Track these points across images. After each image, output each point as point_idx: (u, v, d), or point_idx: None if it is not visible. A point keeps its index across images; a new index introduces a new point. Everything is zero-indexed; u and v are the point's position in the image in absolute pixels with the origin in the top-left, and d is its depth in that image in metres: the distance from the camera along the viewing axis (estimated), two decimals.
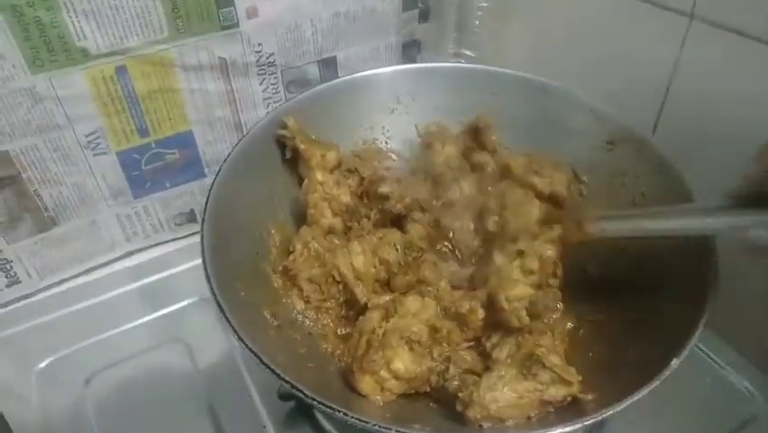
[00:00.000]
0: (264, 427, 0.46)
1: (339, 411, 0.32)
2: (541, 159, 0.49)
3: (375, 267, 0.45)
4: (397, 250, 0.46)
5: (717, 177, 0.47)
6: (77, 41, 0.50)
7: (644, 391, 0.32)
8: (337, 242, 0.47)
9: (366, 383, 0.39)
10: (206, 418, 0.47)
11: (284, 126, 0.49)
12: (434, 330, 0.41)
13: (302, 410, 0.44)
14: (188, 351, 0.52)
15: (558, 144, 0.51)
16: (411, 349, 0.40)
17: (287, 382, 0.33)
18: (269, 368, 0.33)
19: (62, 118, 0.53)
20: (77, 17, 0.49)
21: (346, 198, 0.49)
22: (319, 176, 0.48)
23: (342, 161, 0.51)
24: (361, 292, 0.44)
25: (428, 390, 0.40)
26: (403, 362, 0.39)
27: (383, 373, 0.38)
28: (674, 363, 0.33)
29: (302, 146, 0.49)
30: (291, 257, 0.45)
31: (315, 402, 0.32)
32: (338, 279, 0.45)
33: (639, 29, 0.54)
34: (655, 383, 0.32)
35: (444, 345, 0.41)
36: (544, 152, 0.50)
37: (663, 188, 0.44)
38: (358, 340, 0.41)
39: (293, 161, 0.51)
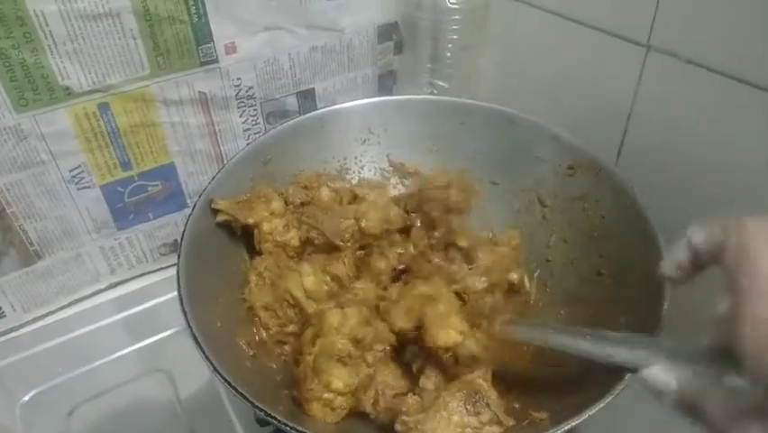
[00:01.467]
0: None
1: None
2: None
3: (327, 284, 0.46)
4: (345, 264, 0.47)
5: (677, 201, 0.49)
6: (60, 81, 0.52)
7: (597, 408, 0.33)
8: (293, 265, 0.48)
9: (315, 409, 0.40)
10: None
11: (220, 213, 0.48)
12: (356, 341, 0.41)
13: None
14: (170, 380, 0.53)
15: (523, 170, 0.54)
16: (344, 364, 0.40)
17: (260, 409, 0.34)
18: (244, 397, 0.34)
19: (46, 154, 0.54)
20: (60, 58, 0.51)
21: (296, 241, 0.50)
22: (266, 227, 0.49)
23: (289, 197, 0.52)
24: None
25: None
26: (341, 379, 0.40)
27: (326, 395, 0.40)
28: (627, 377, 0.34)
29: (249, 221, 0.48)
30: (246, 289, 0.46)
31: (288, 427, 0.34)
32: (292, 302, 0.45)
33: (600, 60, 0.56)
34: (609, 399, 0.33)
35: (377, 346, 0.42)
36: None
37: (621, 211, 0.46)
38: (303, 368, 0.41)
39: None
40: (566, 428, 0.33)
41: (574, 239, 0.50)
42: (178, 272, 0.40)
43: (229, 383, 0.35)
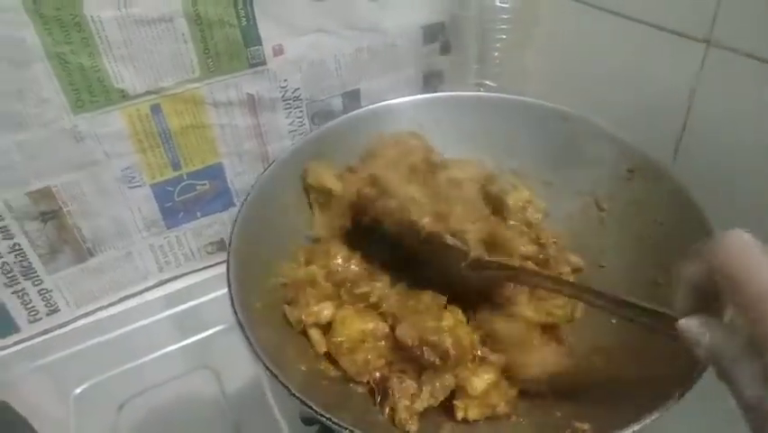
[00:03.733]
0: None
1: (347, 429, 0.33)
2: None
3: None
4: None
5: (737, 204, 0.47)
6: (115, 84, 0.53)
7: (644, 423, 0.32)
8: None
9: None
10: None
11: None
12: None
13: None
14: (217, 377, 0.54)
15: (579, 171, 0.52)
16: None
17: (301, 400, 0.34)
18: (285, 386, 0.34)
19: (101, 155, 0.56)
20: (115, 62, 0.52)
21: None
22: None
23: None
24: None
25: None
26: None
27: None
28: (677, 395, 0.32)
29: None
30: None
31: (329, 421, 0.33)
32: None
33: (657, 56, 0.54)
34: (655, 416, 0.32)
35: None
36: None
37: (681, 218, 0.44)
38: None
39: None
40: None
41: (630, 246, 0.48)
42: (228, 269, 0.41)
43: (271, 372, 0.35)
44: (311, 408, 0.33)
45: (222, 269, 0.41)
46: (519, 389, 0.41)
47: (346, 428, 0.33)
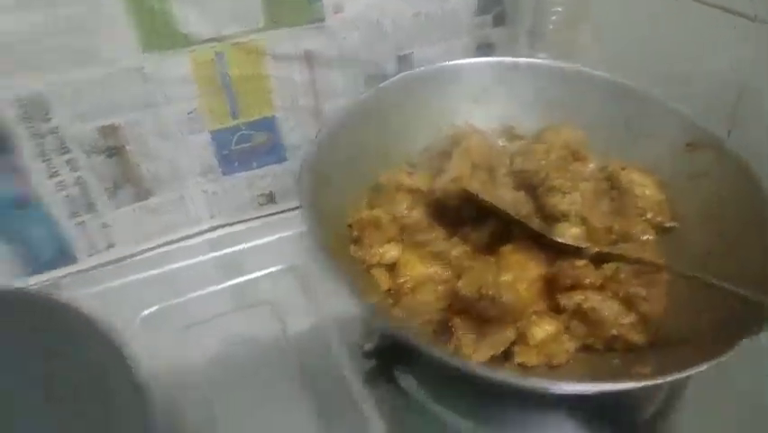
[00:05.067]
0: (350, 384, 0.48)
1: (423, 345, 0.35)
2: None
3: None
4: None
5: None
6: (182, 28, 0.55)
7: (700, 368, 0.33)
8: None
9: None
10: (295, 372, 0.51)
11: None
12: None
13: (382, 369, 0.45)
14: (277, 314, 0.56)
15: (640, 145, 0.53)
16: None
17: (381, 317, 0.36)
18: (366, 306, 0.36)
19: (164, 97, 0.57)
20: (184, 5, 0.54)
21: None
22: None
23: None
24: None
25: None
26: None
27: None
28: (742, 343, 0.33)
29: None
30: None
31: (402, 334, 0.35)
32: None
33: (708, 33, 0.54)
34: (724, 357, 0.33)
35: None
36: None
37: (742, 191, 0.45)
38: None
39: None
40: (661, 381, 0.33)
41: (688, 218, 0.48)
42: (301, 191, 0.43)
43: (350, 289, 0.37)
44: (391, 325, 0.35)
45: (272, 219, 0.42)
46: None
47: (422, 344, 0.34)
